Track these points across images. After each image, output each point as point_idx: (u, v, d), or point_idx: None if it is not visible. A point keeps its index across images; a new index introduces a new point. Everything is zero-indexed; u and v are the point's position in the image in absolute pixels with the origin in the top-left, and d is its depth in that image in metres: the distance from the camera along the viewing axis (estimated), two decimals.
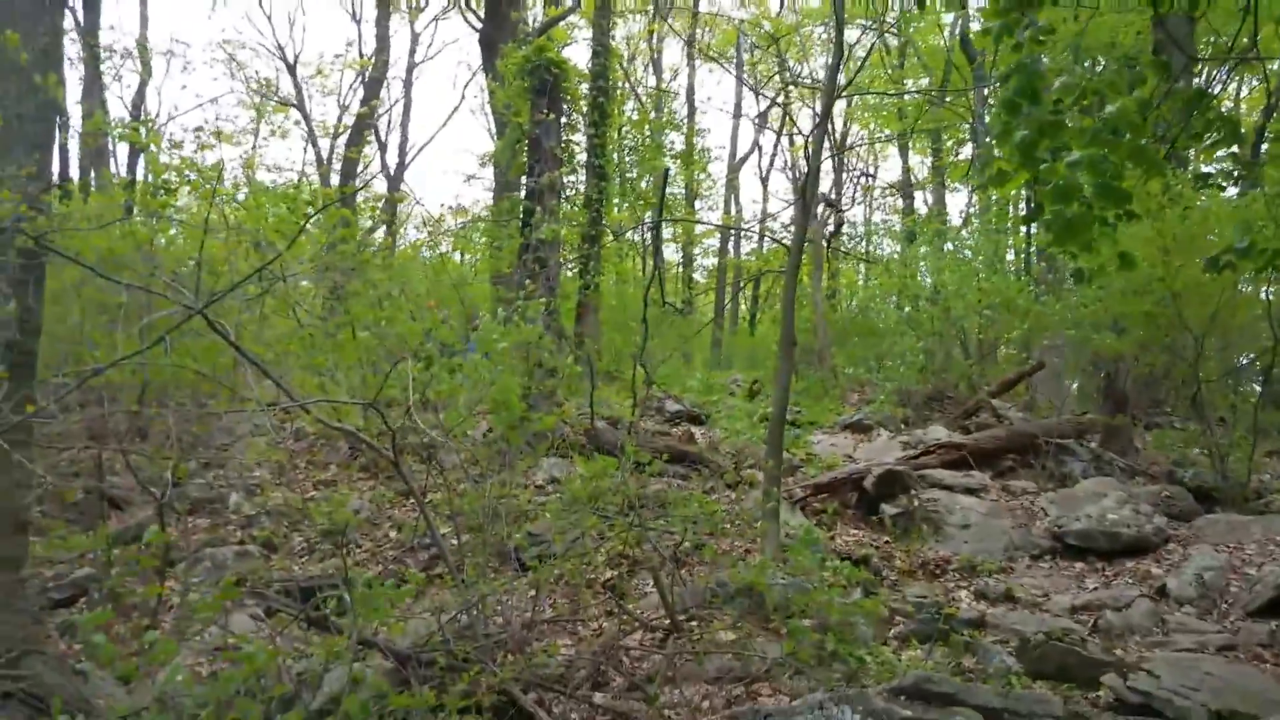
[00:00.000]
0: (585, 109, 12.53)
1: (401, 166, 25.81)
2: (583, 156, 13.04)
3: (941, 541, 7.12)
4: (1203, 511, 7.62)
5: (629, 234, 21.03)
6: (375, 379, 5.57)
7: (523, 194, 11.11)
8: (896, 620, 5.66)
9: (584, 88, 12.45)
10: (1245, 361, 11.04)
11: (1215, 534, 6.92)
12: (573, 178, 12.86)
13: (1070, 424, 9.60)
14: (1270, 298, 8.09)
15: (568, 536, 5.66)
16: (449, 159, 70.90)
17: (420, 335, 5.38)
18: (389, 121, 26.27)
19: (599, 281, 11.94)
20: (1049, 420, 10.05)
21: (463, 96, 55.83)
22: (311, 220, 5.49)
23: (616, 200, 21.33)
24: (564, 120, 11.33)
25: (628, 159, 20.46)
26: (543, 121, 10.02)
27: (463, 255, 20.60)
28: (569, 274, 13.16)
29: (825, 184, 25.55)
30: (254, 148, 24.18)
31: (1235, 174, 4.07)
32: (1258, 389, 10.48)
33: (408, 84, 26.85)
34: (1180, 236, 7.44)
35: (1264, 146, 11.66)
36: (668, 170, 9.31)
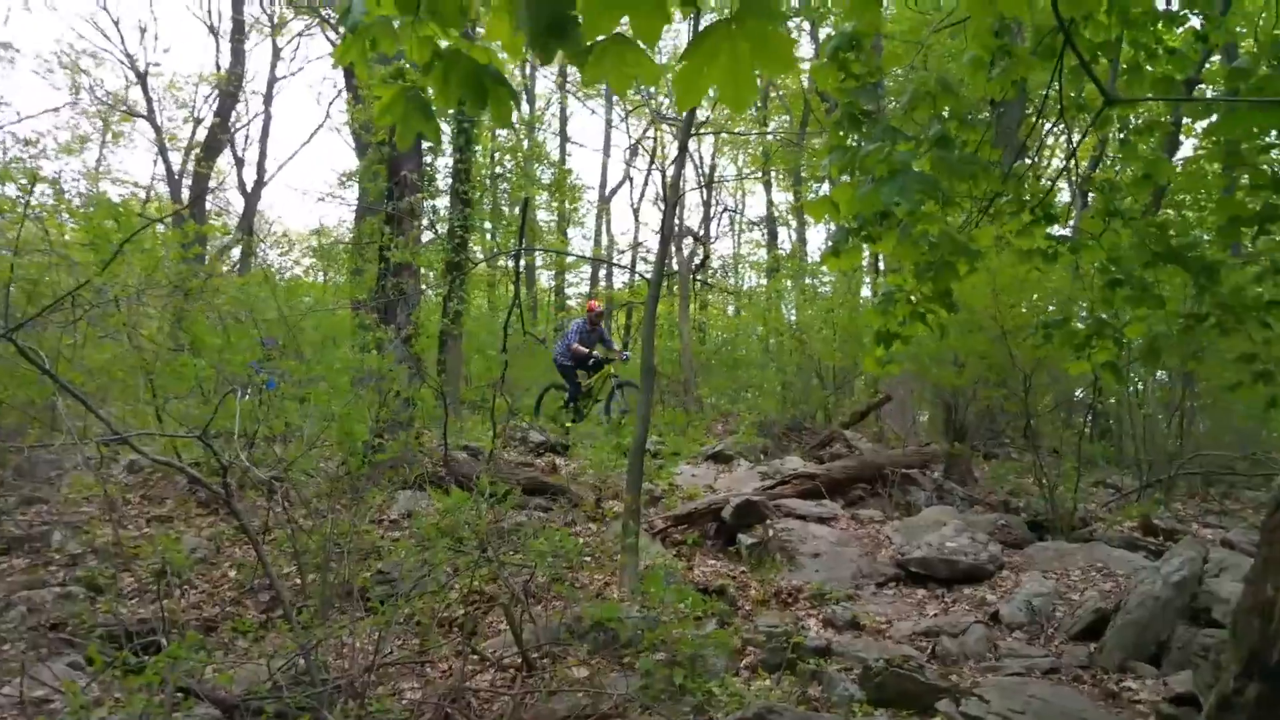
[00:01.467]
0: (451, 133, 12.41)
1: (259, 184, 24.86)
2: (448, 182, 12.88)
3: (794, 570, 7.29)
4: (1034, 539, 8.09)
5: (502, 261, 20.89)
6: (209, 409, 5.31)
7: (383, 219, 10.89)
8: (748, 650, 5.74)
9: (449, 111, 12.32)
10: (1076, 396, 11.85)
11: (1044, 561, 7.35)
12: (434, 203, 12.68)
13: (915, 454, 10.05)
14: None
15: (418, 574, 5.50)
16: (312, 178, 68.67)
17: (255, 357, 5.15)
18: (247, 137, 25.30)
19: (462, 310, 11.79)
20: (896, 451, 10.50)
21: (327, 114, 54.24)
22: (135, 237, 5.17)
23: (487, 227, 21.18)
24: (426, 144, 11.15)
25: (500, 186, 20.38)
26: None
27: (325, 277, 19.98)
28: (432, 301, 12.93)
29: (695, 218, 26.14)
30: (99, 160, 22.80)
31: (1054, 253, 4.40)
32: (1086, 422, 11.27)
33: (268, 99, 25.94)
34: (1010, 280, 7.96)
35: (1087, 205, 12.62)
36: (528, 199, 9.29)
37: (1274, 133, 4.13)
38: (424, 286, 11.89)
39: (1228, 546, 7.86)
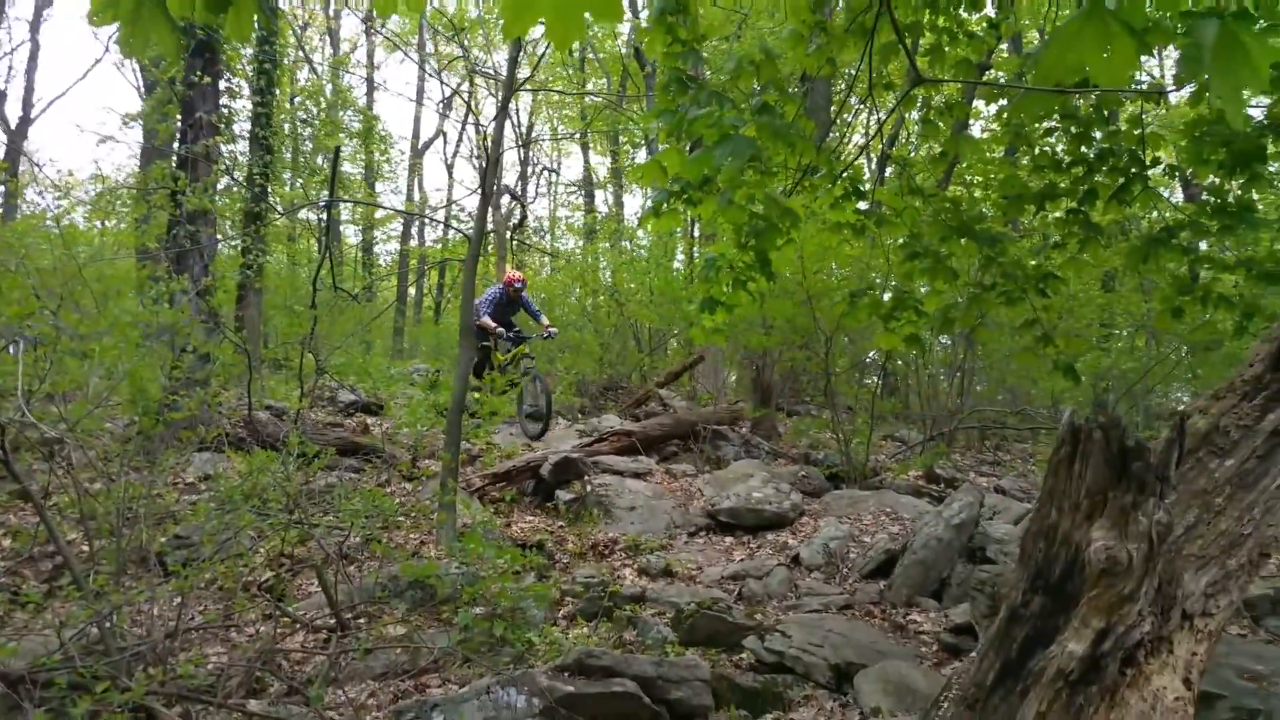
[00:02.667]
0: (250, 75, 11.61)
1: (25, 120, 22.34)
2: (246, 126, 12.08)
3: (611, 524, 7.48)
4: (831, 488, 8.68)
5: (303, 213, 19.84)
6: None
7: (175, 163, 10.07)
8: (566, 601, 5.86)
9: (248, 51, 11.52)
10: (869, 358, 12.71)
11: (840, 508, 7.90)
12: (234, 148, 11.86)
13: (725, 412, 10.50)
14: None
15: (220, 537, 5.23)
16: (89, 117, 62.27)
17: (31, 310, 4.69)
18: (10, 69, 22.65)
19: (263, 263, 11.15)
20: (707, 409, 10.92)
21: (106, 48, 49.28)
22: None
23: (287, 176, 20.03)
24: (224, 85, 10.38)
25: (302, 133, 19.28)
26: (197, 85, 9.10)
27: (104, 225, 18.28)
28: (229, 253, 12.14)
29: (512, 177, 25.80)
30: None
31: (862, 226, 4.66)
32: (878, 381, 12.11)
33: (34, 27, 23.27)
34: (815, 248, 8.41)
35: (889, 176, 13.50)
36: (339, 148, 8.88)
37: (1056, 117, 4.57)
38: (220, 237, 11.11)
39: (1000, 493, 8.74)
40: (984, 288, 4.50)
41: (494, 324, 10.18)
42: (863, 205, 4.78)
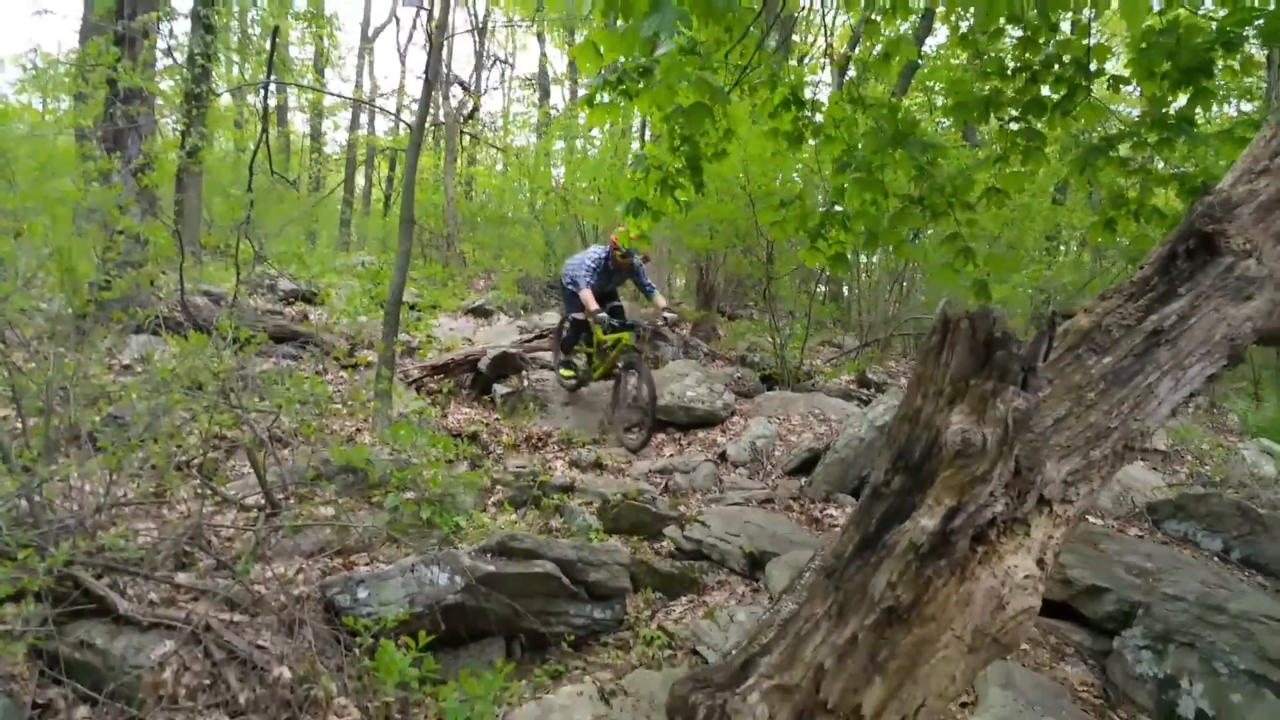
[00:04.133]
0: None
1: None
2: (188, 3, 11.53)
3: (546, 418, 7.64)
4: (764, 390, 8.91)
5: (250, 98, 19.12)
6: None
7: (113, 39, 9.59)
8: (497, 489, 6.04)
9: None
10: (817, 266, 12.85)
11: (770, 408, 8.14)
12: (175, 25, 11.34)
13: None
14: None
15: (151, 417, 5.26)
16: None
17: None
18: None
19: (202, 146, 10.81)
20: (648, 309, 11.02)
21: None
22: None
23: (235, 59, 19.22)
24: None
25: (249, 14, 18.46)
26: None
27: (43, 103, 17.45)
28: (169, 135, 11.72)
29: (465, 69, 25.00)
30: None
31: (800, 135, 4.65)
32: (821, 288, 12.29)
33: None
34: (759, 151, 8.41)
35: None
36: (277, 28, 8.55)
37: (1003, 21, 4.53)
38: (158, 117, 10.70)
39: None
40: (911, 201, 4.55)
41: (596, 303, 7.81)
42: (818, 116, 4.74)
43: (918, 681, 1.57)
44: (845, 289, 14.73)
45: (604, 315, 7.81)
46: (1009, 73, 4.68)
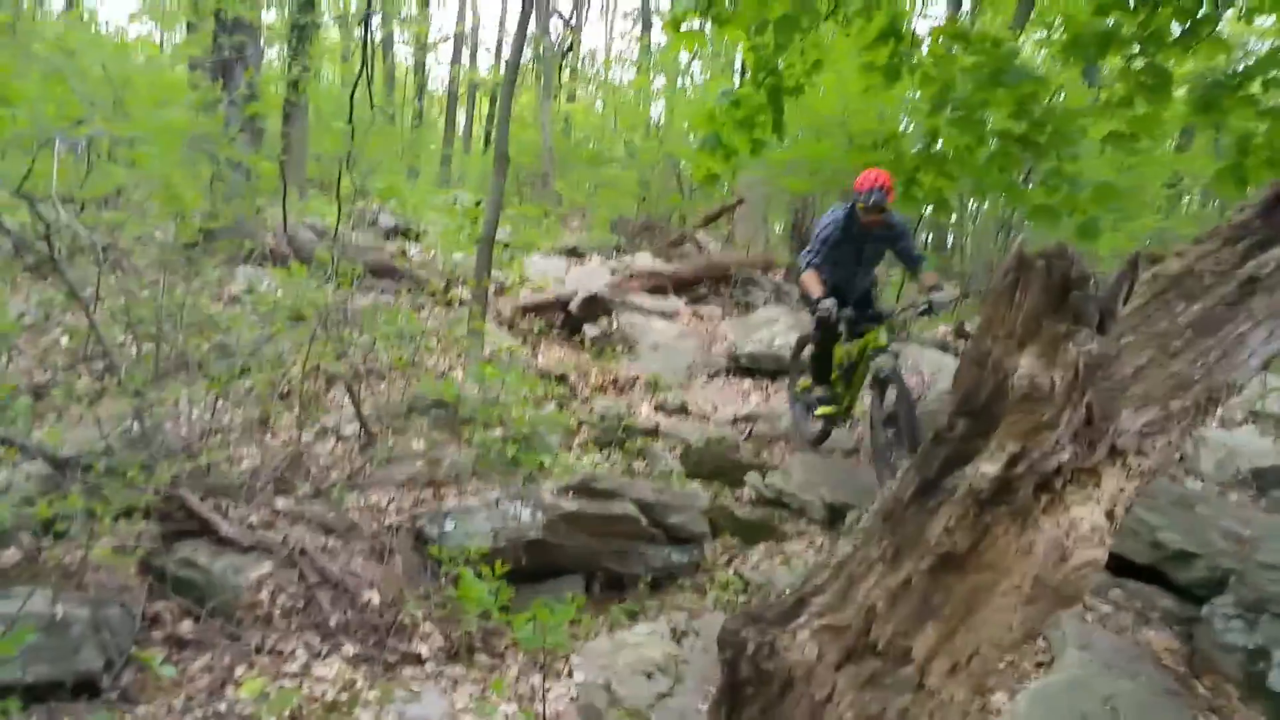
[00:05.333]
0: None
1: None
2: None
3: (634, 360, 7.67)
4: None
5: (357, 32, 19.39)
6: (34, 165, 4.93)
7: None
8: (582, 430, 6.12)
9: None
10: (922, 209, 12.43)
11: None
12: None
13: (759, 257, 10.47)
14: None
15: (255, 347, 5.50)
16: None
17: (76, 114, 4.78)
18: None
19: (305, 78, 11.04)
20: (741, 253, 10.89)
21: None
22: None
23: None
24: None
25: None
26: None
27: (160, 35, 18.08)
28: (276, 67, 12.03)
29: (566, 4, 24.81)
30: None
31: (896, 71, 4.43)
32: (923, 235, 11.91)
33: None
34: (860, 88, 8.09)
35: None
36: None
37: None
38: (265, 48, 10.95)
39: None
40: (1012, 139, 4.30)
41: (819, 285, 5.32)
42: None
43: (972, 628, 1.54)
44: (949, 236, 14.25)
45: (829, 303, 5.13)
46: (1131, 5, 4.36)
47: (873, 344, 5.24)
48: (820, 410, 5.69)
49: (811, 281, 5.35)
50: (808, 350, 5.99)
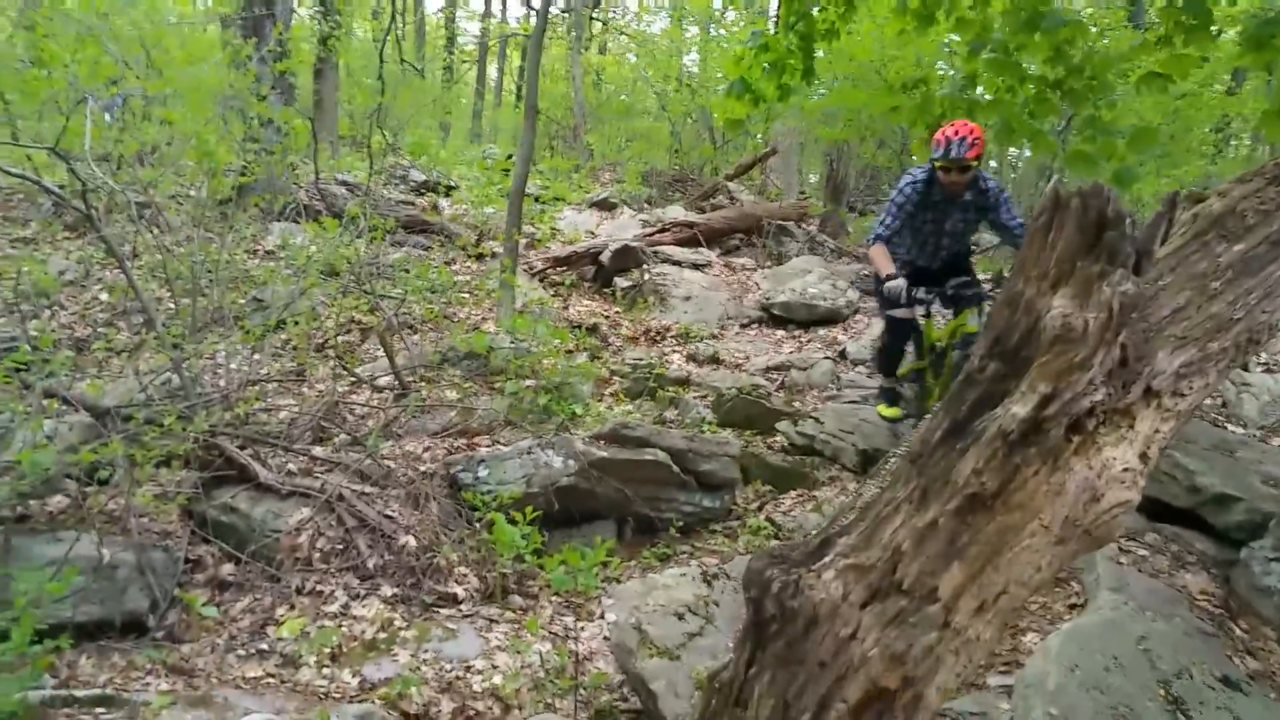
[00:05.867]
0: None
1: None
2: None
3: (665, 312, 7.66)
4: None
5: None
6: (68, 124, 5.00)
7: None
8: (614, 380, 6.15)
9: None
10: None
11: None
12: None
13: (792, 208, 10.34)
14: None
15: (290, 300, 5.57)
16: None
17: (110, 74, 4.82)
18: None
19: (339, 35, 11.02)
20: (774, 204, 10.76)
21: None
22: None
23: None
24: None
25: None
26: None
27: None
28: (307, 22, 12.00)
29: None
30: None
31: (929, 14, 4.31)
32: None
33: None
34: (896, 33, 7.91)
35: None
36: None
37: None
38: (295, 5, 10.93)
39: None
40: (1048, 85, 4.18)
41: (888, 261, 4.56)
42: None
43: (999, 569, 1.54)
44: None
45: (895, 284, 4.41)
46: None
47: (961, 330, 4.59)
48: (880, 410, 5.11)
49: (879, 257, 4.55)
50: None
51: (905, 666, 1.51)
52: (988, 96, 4.42)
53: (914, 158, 9.67)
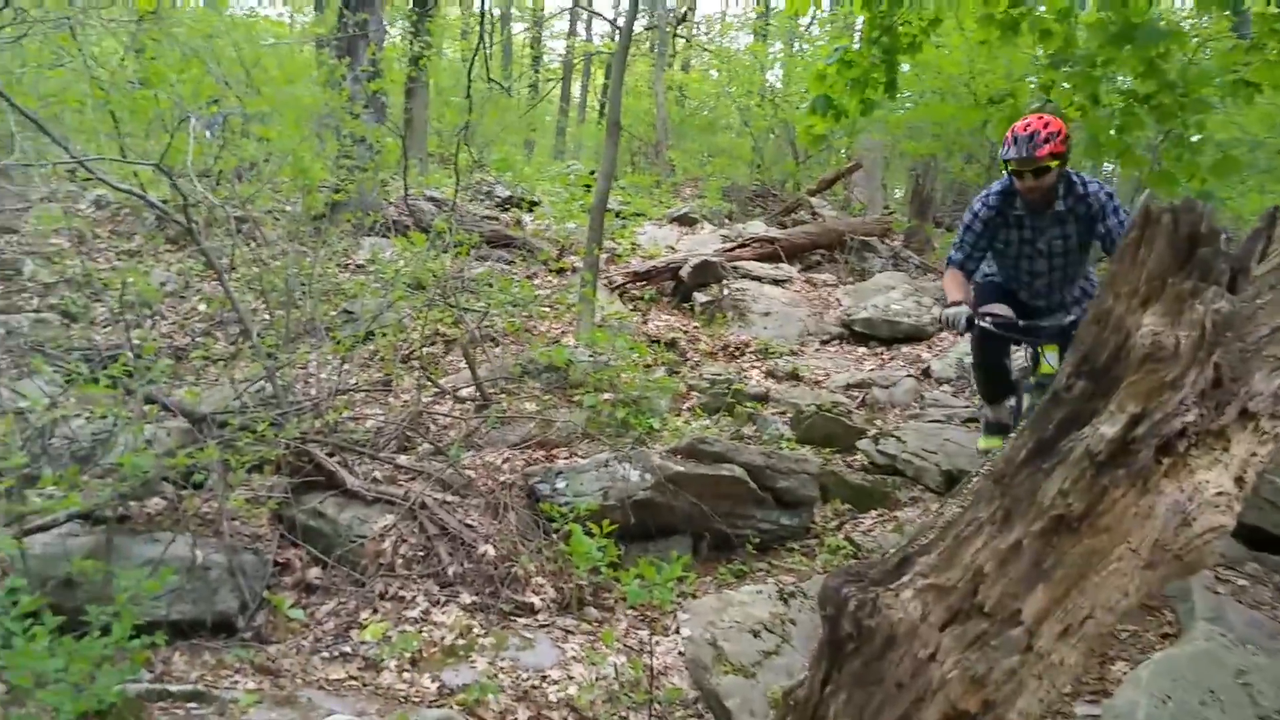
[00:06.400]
0: None
1: None
2: None
3: (745, 327, 7.63)
4: None
5: (475, 4, 19.76)
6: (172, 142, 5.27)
7: None
8: (692, 395, 6.15)
9: None
10: None
11: None
12: None
13: (875, 223, 10.21)
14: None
15: (378, 312, 5.74)
16: None
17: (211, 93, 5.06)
18: None
19: (429, 55, 11.34)
20: (857, 219, 10.64)
21: None
22: None
23: None
24: None
25: None
26: None
27: (291, 15, 18.90)
28: (398, 43, 12.40)
29: None
30: None
31: (1014, 24, 4.24)
32: None
33: None
34: (986, 47, 7.76)
35: None
36: None
37: None
38: (387, 25, 11.31)
39: None
40: (1136, 100, 4.02)
41: (957, 287, 4.09)
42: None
43: (1085, 592, 1.50)
44: None
45: (952, 311, 3.92)
46: None
47: (1042, 370, 4.04)
48: (981, 443, 4.63)
49: (949, 283, 4.10)
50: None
51: (986, 689, 1.48)
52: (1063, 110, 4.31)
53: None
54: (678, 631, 3.60)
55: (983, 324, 3.97)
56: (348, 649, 3.34)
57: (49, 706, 2.21)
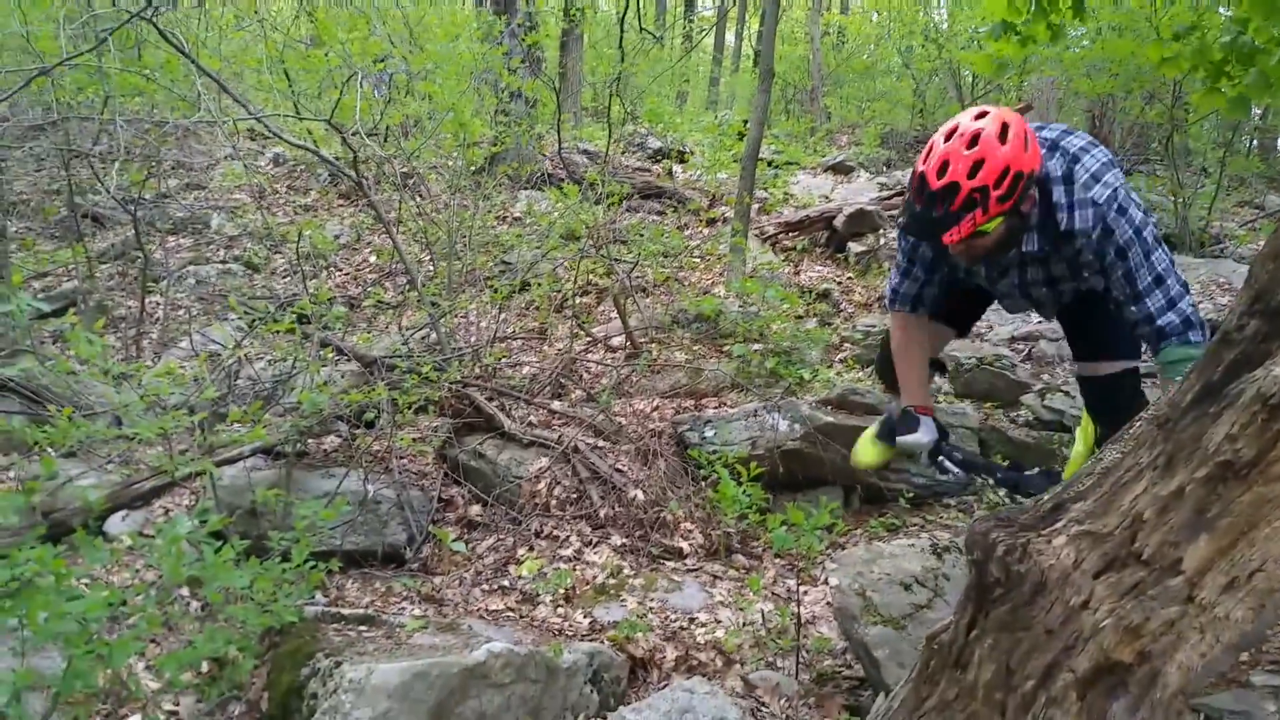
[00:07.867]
0: None
1: None
2: None
3: None
4: None
5: None
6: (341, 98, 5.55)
7: None
8: (844, 347, 6.02)
9: None
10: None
11: None
12: None
13: None
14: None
15: (535, 263, 5.89)
16: None
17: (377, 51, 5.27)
18: None
19: (584, 8, 11.39)
20: None
21: None
22: None
23: None
24: None
25: None
26: None
27: None
28: None
29: None
30: None
31: None
32: (1247, 140, 10.38)
33: None
34: None
35: None
36: None
37: None
38: None
39: None
40: None
41: (914, 361, 2.86)
42: None
43: (1254, 543, 1.38)
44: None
45: (913, 441, 2.75)
46: None
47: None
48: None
49: (897, 348, 2.90)
50: None
51: (1142, 640, 1.41)
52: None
53: (1187, 113, 8.67)
54: (826, 581, 3.58)
55: (949, 464, 2.74)
56: (506, 583, 3.51)
57: (237, 620, 2.43)
